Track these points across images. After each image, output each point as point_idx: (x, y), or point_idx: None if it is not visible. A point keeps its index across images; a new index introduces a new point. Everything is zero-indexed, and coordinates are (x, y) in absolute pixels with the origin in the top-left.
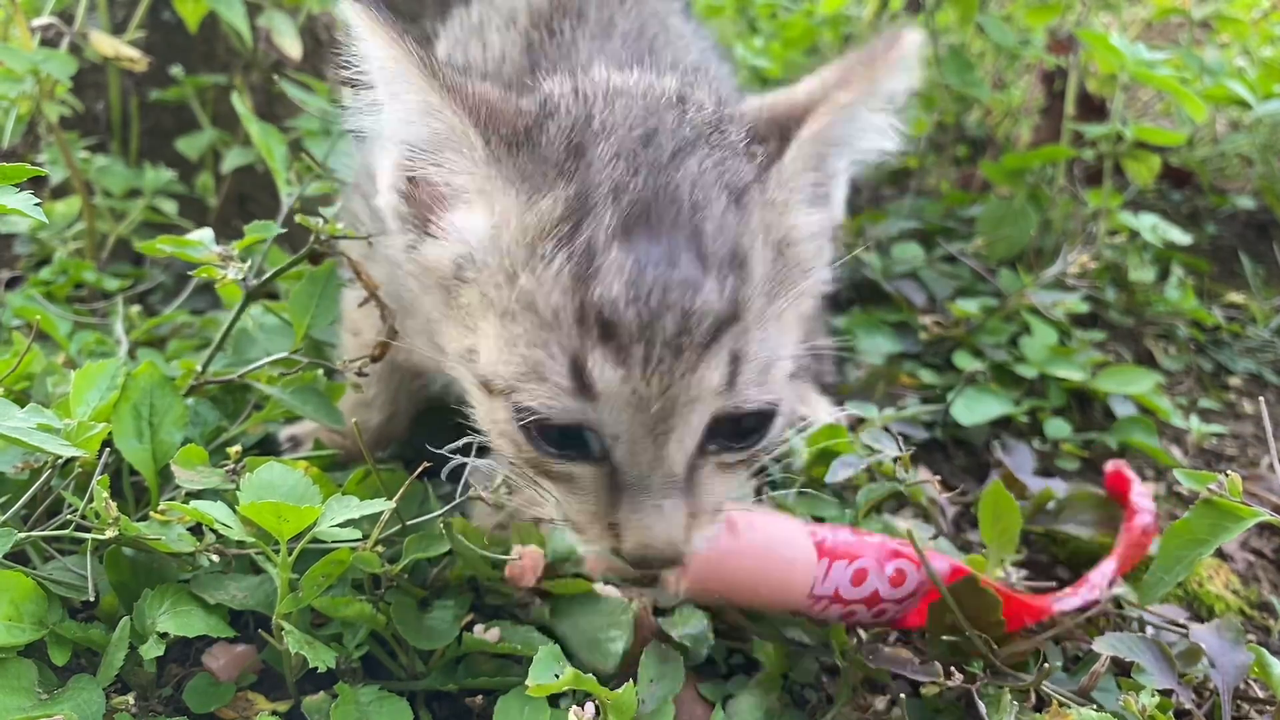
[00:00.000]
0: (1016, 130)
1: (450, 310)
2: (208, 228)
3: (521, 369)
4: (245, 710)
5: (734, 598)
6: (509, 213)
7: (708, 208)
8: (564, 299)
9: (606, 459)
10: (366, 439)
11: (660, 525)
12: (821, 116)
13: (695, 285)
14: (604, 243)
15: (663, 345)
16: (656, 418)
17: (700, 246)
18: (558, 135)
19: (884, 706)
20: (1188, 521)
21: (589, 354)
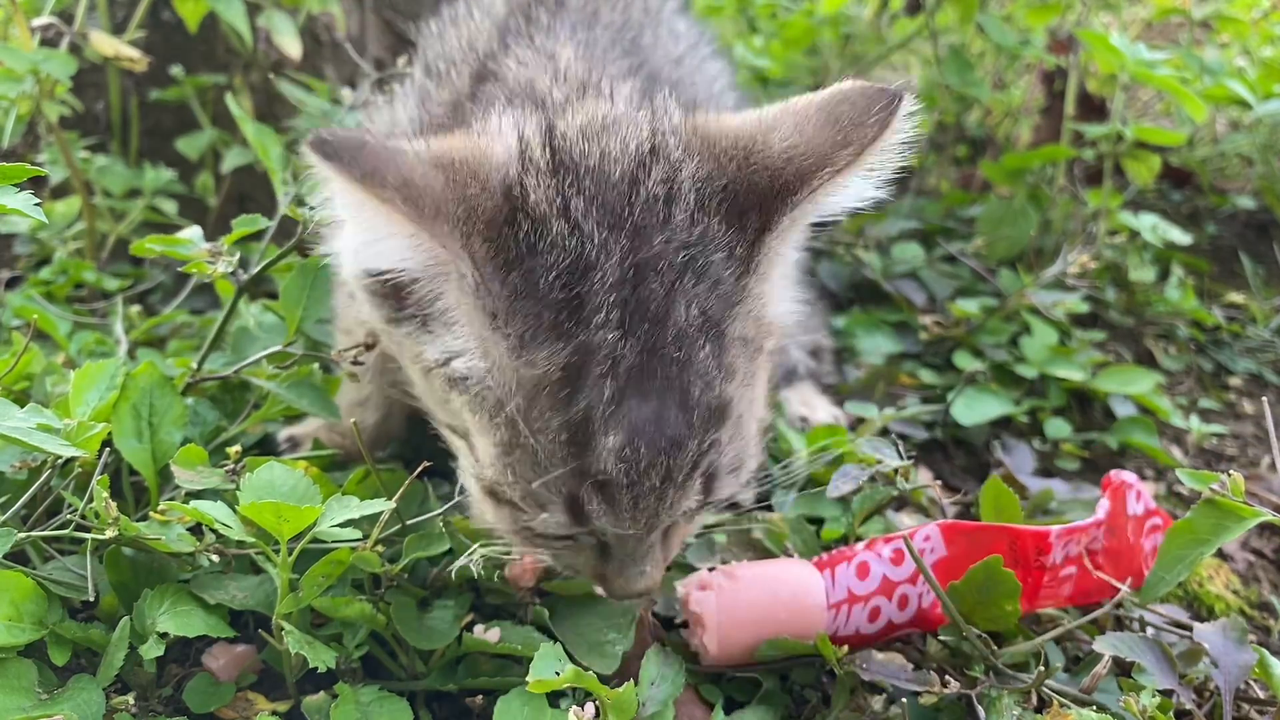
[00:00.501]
0: (1016, 130)
1: (435, 393)
2: (196, 226)
3: (522, 495)
4: (245, 710)
5: (761, 632)
6: (503, 361)
7: (693, 363)
8: (562, 461)
9: (594, 539)
10: (364, 438)
11: (644, 582)
12: (805, 200)
13: (680, 444)
14: (601, 418)
15: (649, 491)
16: (643, 530)
17: (685, 405)
18: (553, 274)
19: (882, 707)
20: (1189, 521)
21: (585, 500)
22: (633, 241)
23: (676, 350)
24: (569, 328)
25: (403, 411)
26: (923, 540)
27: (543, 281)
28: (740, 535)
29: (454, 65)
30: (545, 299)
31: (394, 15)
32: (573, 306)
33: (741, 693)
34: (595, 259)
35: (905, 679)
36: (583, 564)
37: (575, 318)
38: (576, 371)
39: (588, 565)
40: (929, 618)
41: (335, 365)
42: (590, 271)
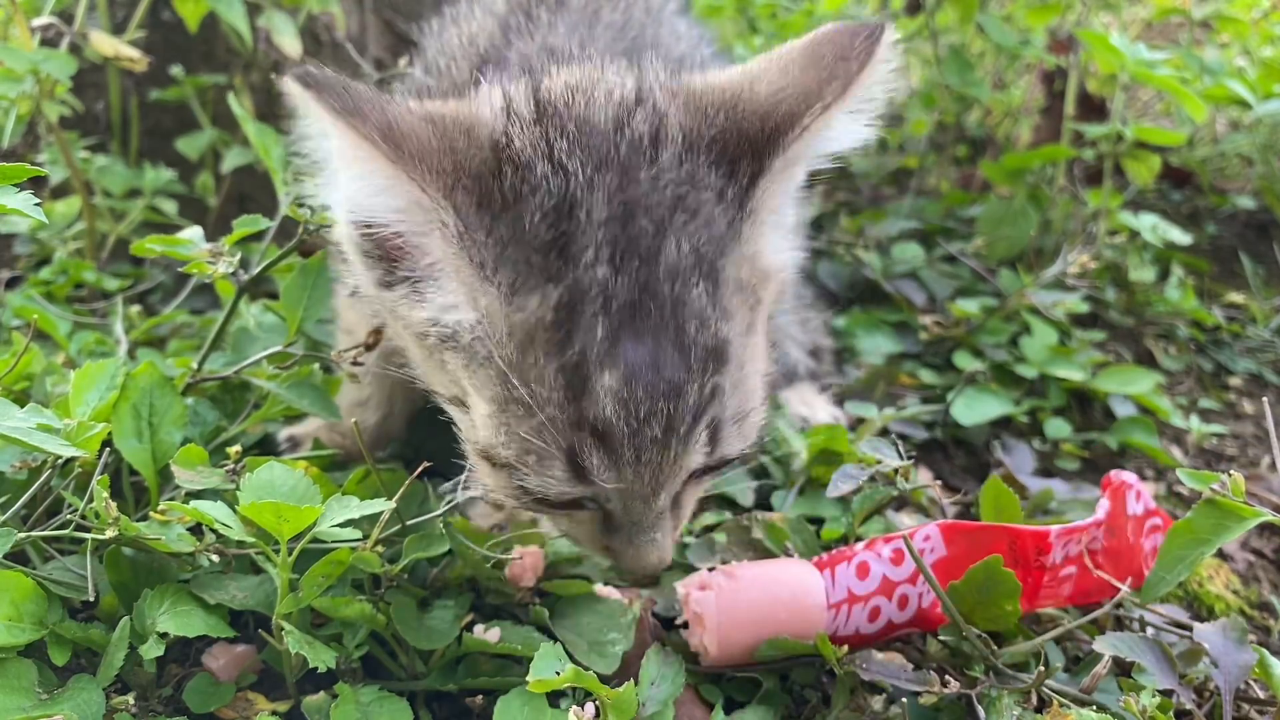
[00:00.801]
0: (1016, 130)
1: (432, 359)
2: (197, 226)
3: (519, 453)
4: (245, 710)
5: (761, 632)
6: (494, 309)
7: (687, 302)
8: (558, 409)
9: (599, 510)
10: (365, 438)
11: (654, 554)
12: (796, 140)
13: (679, 388)
14: (596, 358)
15: (650, 442)
16: (648, 489)
17: (682, 344)
18: (538, 215)
19: (882, 707)
20: (1190, 521)
21: (584, 453)
22: (620, 179)
23: (669, 288)
24: (558, 268)
25: (403, 411)
26: (923, 540)
27: (529, 224)
28: (740, 535)
29: (454, 60)
30: (532, 242)
31: (394, 15)
32: (560, 246)
33: (741, 693)
34: (580, 197)
35: (905, 679)
36: (587, 535)
37: (564, 257)
38: (568, 312)
39: (593, 538)
40: (929, 618)
41: (336, 365)
42: (576, 209)
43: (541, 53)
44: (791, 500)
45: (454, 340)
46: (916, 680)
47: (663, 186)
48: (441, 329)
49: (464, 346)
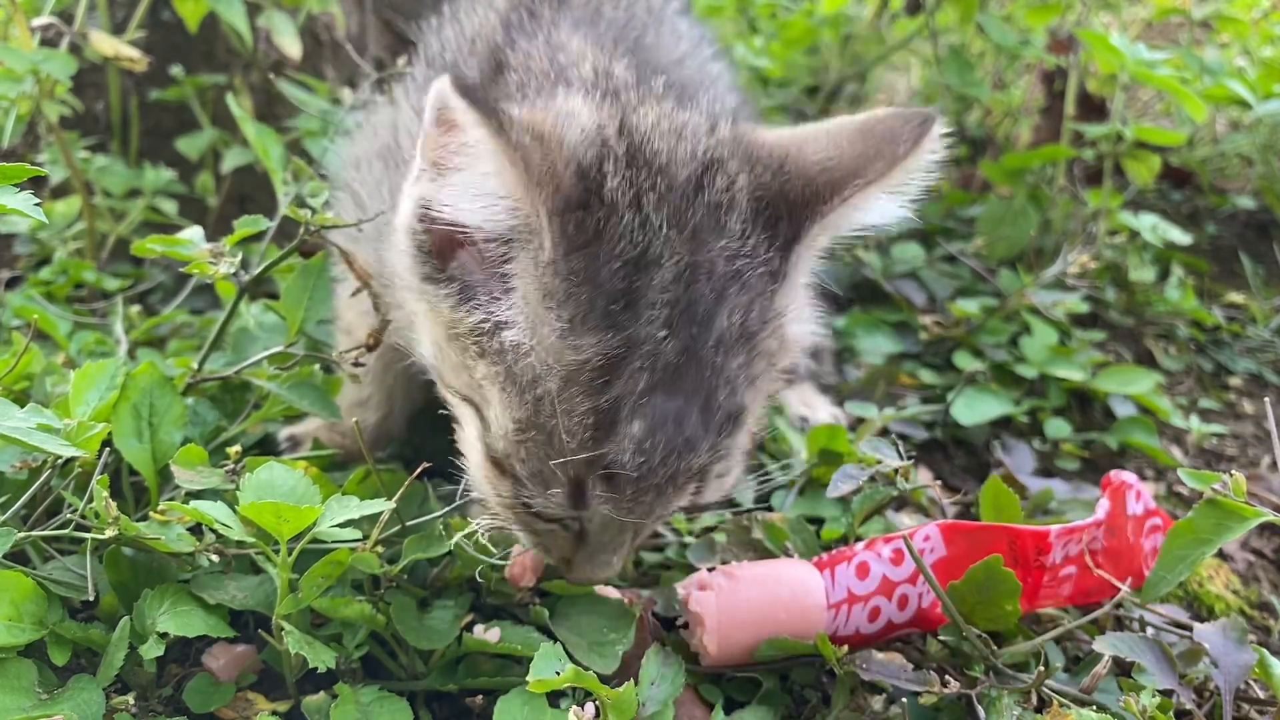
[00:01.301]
0: (1016, 130)
1: (457, 359)
2: (198, 226)
3: (530, 471)
4: (245, 710)
5: (760, 632)
6: (549, 341)
7: (724, 370)
8: (580, 445)
9: (578, 528)
10: (365, 438)
11: (606, 571)
12: (835, 210)
13: (694, 445)
14: (629, 409)
15: (651, 489)
16: (629, 525)
17: (708, 408)
18: (617, 263)
19: (882, 707)
20: (1191, 521)
21: (589, 486)
22: (691, 244)
23: (714, 355)
24: (621, 319)
25: (403, 411)
26: (922, 540)
27: (605, 270)
28: (740, 535)
29: (461, 57)
30: (604, 287)
31: (394, 15)
32: (628, 298)
33: (741, 693)
34: (657, 254)
35: (905, 679)
36: (556, 546)
37: (629, 309)
38: (617, 362)
39: (560, 549)
40: (929, 618)
41: (336, 366)
42: (651, 267)
43: (546, 50)
44: (791, 500)
45: (497, 355)
46: (916, 680)
47: (726, 258)
48: (485, 339)
49: (503, 363)
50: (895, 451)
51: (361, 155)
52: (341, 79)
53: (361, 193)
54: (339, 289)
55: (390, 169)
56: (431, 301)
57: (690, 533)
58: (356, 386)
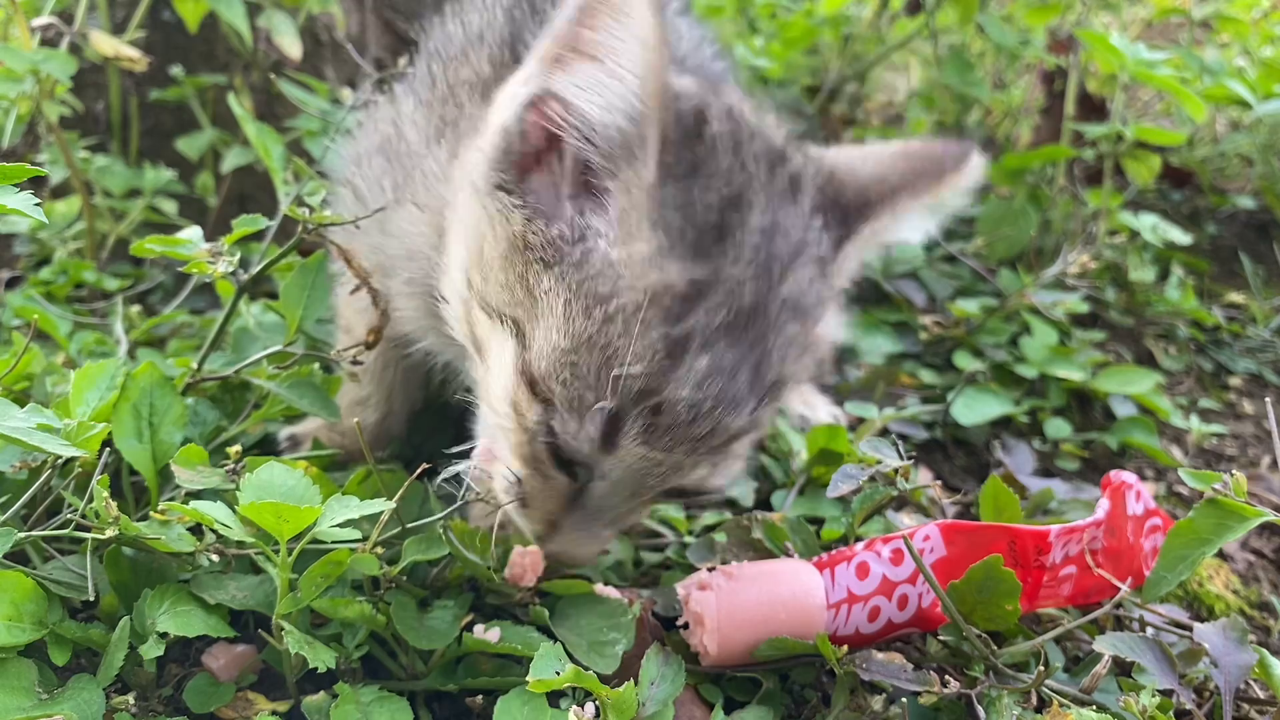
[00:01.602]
0: (1016, 130)
1: (508, 269)
2: (196, 226)
3: (567, 397)
4: (245, 710)
5: (760, 632)
6: (639, 259)
7: (784, 330)
8: (639, 372)
9: (584, 483)
10: (365, 438)
11: (590, 549)
12: (883, 218)
13: (739, 405)
14: (699, 345)
15: (686, 441)
16: (642, 484)
17: (761, 367)
18: (714, 194)
19: (882, 707)
20: (1192, 521)
21: (629, 422)
22: (778, 202)
23: (779, 314)
24: (711, 252)
25: (403, 411)
26: (922, 540)
27: (701, 201)
28: (740, 535)
29: (471, 47)
30: (698, 218)
31: (394, 15)
32: (720, 232)
33: (741, 693)
34: (751, 199)
35: (905, 679)
36: (546, 505)
37: (719, 244)
38: (700, 292)
39: (550, 509)
40: (929, 618)
41: (335, 364)
42: (744, 208)
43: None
44: (791, 500)
45: (571, 264)
46: (916, 680)
47: (801, 226)
48: (561, 249)
49: (578, 275)
50: (895, 451)
51: (362, 152)
52: (341, 79)
53: (362, 186)
54: (338, 289)
55: (391, 162)
56: (500, 210)
57: (690, 532)
58: (356, 386)
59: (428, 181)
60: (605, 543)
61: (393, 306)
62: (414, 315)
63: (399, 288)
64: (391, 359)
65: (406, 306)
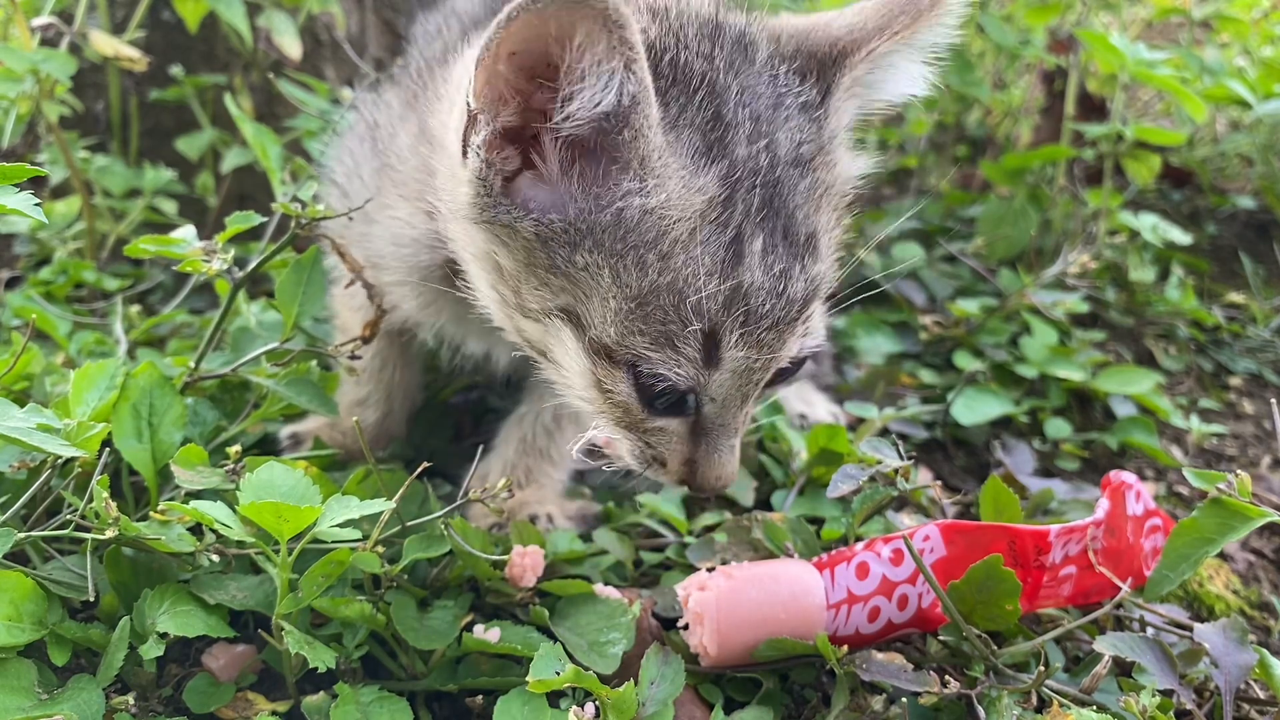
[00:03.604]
0: (1016, 130)
1: (536, 273)
2: (190, 225)
3: (651, 340)
4: (245, 710)
5: (760, 632)
6: (676, 189)
7: (796, 187)
8: (716, 286)
9: (694, 416)
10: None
11: (729, 464)
12: (861, 64)
13: (795, 270)
14: (750, 233)
15: (773, 327)
16: (748, 382)
17: (790, 229)
18: (698, 93)
19: (882, 707)
20: (1195, 520)
21: (725, 333)
22: (737, 65)
23: (786, 172)
24: (726, 144)
25: (403, 410)
26: (922, 540)
27: (694, 105)
28: (740, 535)
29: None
30: (700, 120)
31: (394, 15)
32: (716, 126)
33: (741, 693)
34: (721, 80)
35: (905, 679)
36: (674, 452)
37: (722, 136)
38: (731, 186)
39: (679, 452)
40: (929, 618)
41: (334, 361)
42: (723, 91)
43: None
44: (791, 500)
45: (606, 230)
46: (916, 680)
47: (767, 80)
48: (582, 224)
49: (618, 234)
50: (895, 451)
51: (345, 145)
52: (341, 79)
53: (340, 177)
54: (334, 289)
55: (371, 151)
56: (504, 227)
57: (690, 532)
58: (356, 386)
59: (403, 159)
60: (738, 454)
61: (386, 298)
62: (409, 300)
63: (390, 275)
64: (390, 358)
65: (399, 294)
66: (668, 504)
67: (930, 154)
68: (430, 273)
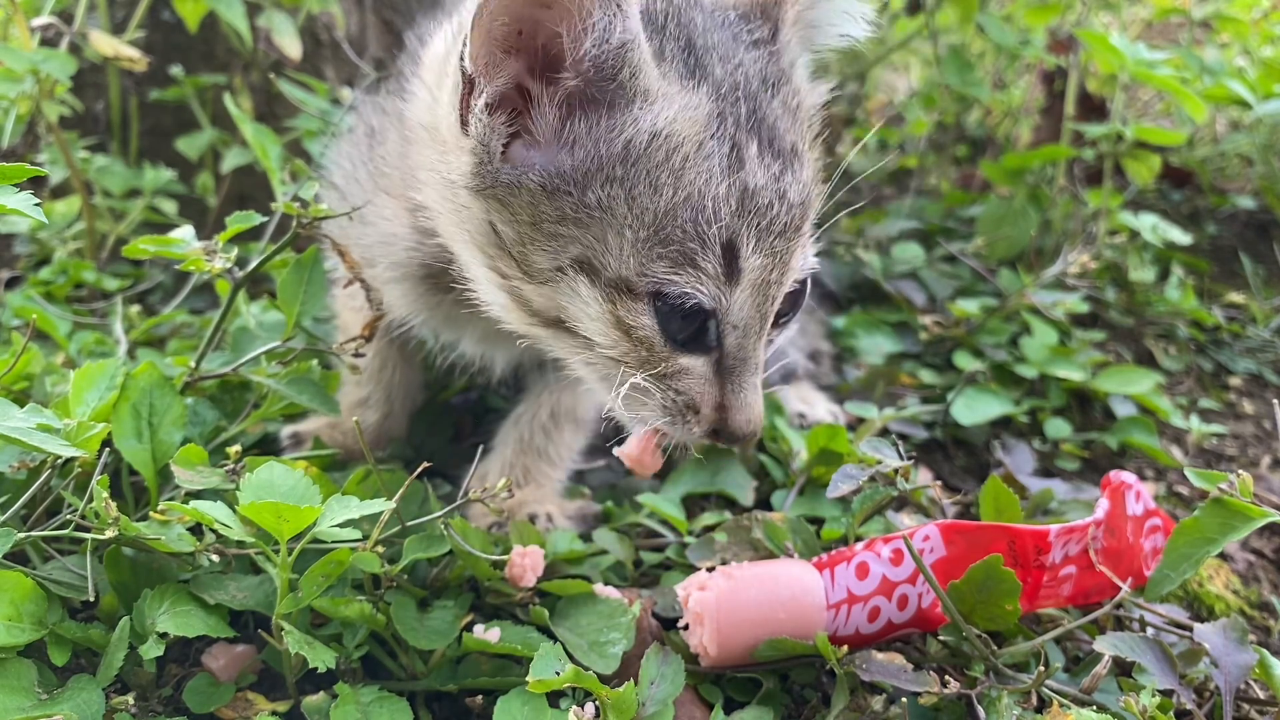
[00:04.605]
0: (1016, 130)
1: (544, 231)
2: (188, 225)
3: (672, 262)
4: (245, 710)
5: (760, 632)
6: (682, 110)
7: (770, 108)
8: (726, 189)
9: (717, 349)
10: (366, 437)
11: (757, 405)
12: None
13: (786, 177)
14: (744, 140)
15: (780, 233)
16: (766, 299)
17: (774, 141)
18: (671, 22)
19: (882, 707)
20: (1197, 520)
21: (742, 239)
22: (693, 5)
23: (757, 91)
24: (705, 66)
25: (403, 411)
26: (922, 540)
27: (672, 31)
28: (740, 535)
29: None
30: (683, 42)
31: (394, 15)
32: (694, 51)
33: (741, 693)
34: (688, 16)
35: (905, 679)
36: (704, 395)
37: (701, 60)
38: (719, 100)
39: (709, 395)
40: (928, 618)
41: (336, 359)
42: (690, 24)
43: None
44: (791, 500)
45: (618, 162)
46: (916, 680)
47: (719, 22)
48: (589, 163)
49: (629, 161)
50: (895, 451)
51: (342, 149)
52: (341, 79)
53: (339, 180)
54: (335, 290)
55: (366, 154)
56: (507, 191)
57: (690, 532)
58: (357, 387)
59: (390, 160)
60: (762, 396)
61: (382, 297)
62: (401, 300)
63: (382, 274)
64: (390, 358)
65: (393, 293)
66: (668, 504)
67: (930, 154)
68: (417, 271)
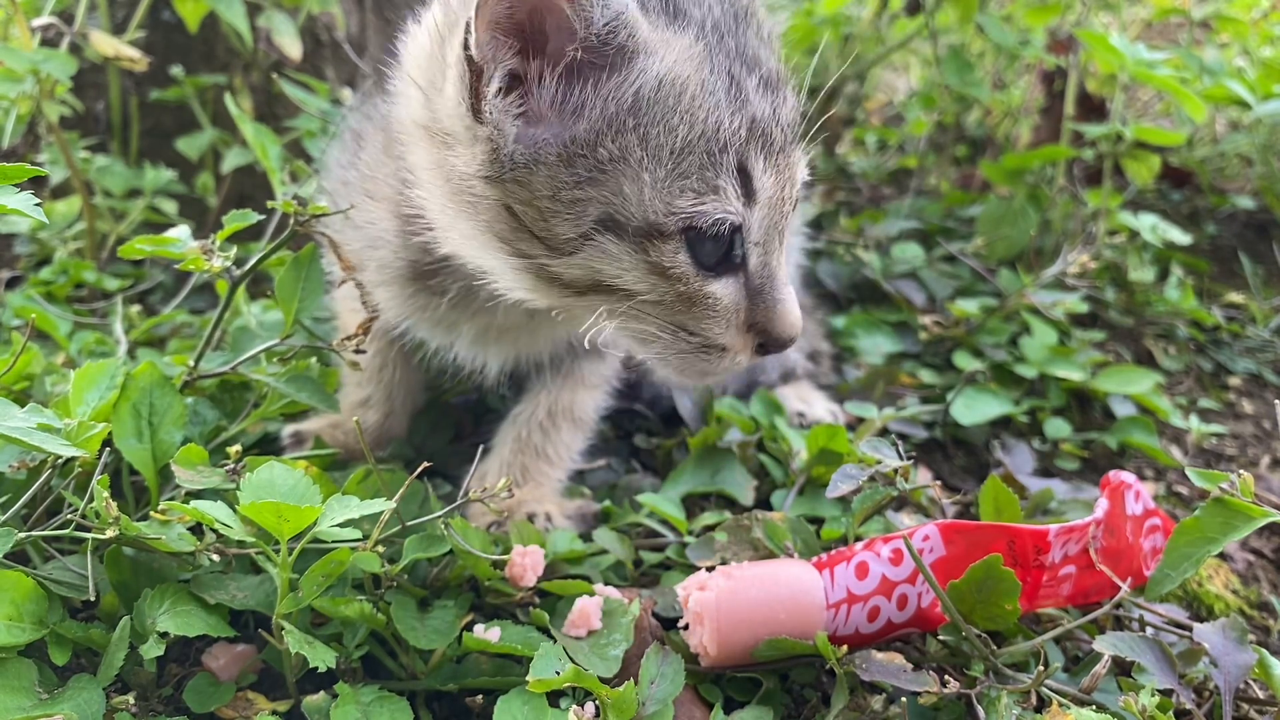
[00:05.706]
0: (1016, 130)
1: (564, 200)
2: (185, 224)
3: (695, 194)
4: (245, 710)
5: (760, 632)
6: (683, 53)
7: (747, 36)
8: (733, 118)
9: (743, 268)
10: (366, 437)
11: (794, 309)
12: None
13: (778, 99)
14: (739, 70)
15: (782, 149)
16: (780, 215)
17: (762, 70)
18: None
19: (882, 707)
20: (1198, 520)
21: (754, 163)
22: None
23: (737, 28)
24: (683, 12)
25: (404, 411)
26: (922, 540)
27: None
28: (740, 535)
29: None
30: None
31: (394, 15)
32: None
33: (741, 693)
34: None
35: (905, 679)
36: (738, 318)
37: (678, 5)
38: (709, 35)
39: (741, 317)
40: (928, 617)
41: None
42: None
43: None
44: (791, 500)
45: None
46: (916, 680)
47: None
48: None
49: (642, 107)
50: (895, 451)
51: (335, 153)
52: (341, 79)
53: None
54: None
55: (355, 158)
56: (525, 170)
57: (690, 532)
58: (358, 387)
59: (372, 165)
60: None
61: (373, 299)
62: (392, 302)
63: (372, 277)
64: (390, 358)
65: (383, 295)
66: (668, 504)
67: (930, 154)
68: (406, 271)
